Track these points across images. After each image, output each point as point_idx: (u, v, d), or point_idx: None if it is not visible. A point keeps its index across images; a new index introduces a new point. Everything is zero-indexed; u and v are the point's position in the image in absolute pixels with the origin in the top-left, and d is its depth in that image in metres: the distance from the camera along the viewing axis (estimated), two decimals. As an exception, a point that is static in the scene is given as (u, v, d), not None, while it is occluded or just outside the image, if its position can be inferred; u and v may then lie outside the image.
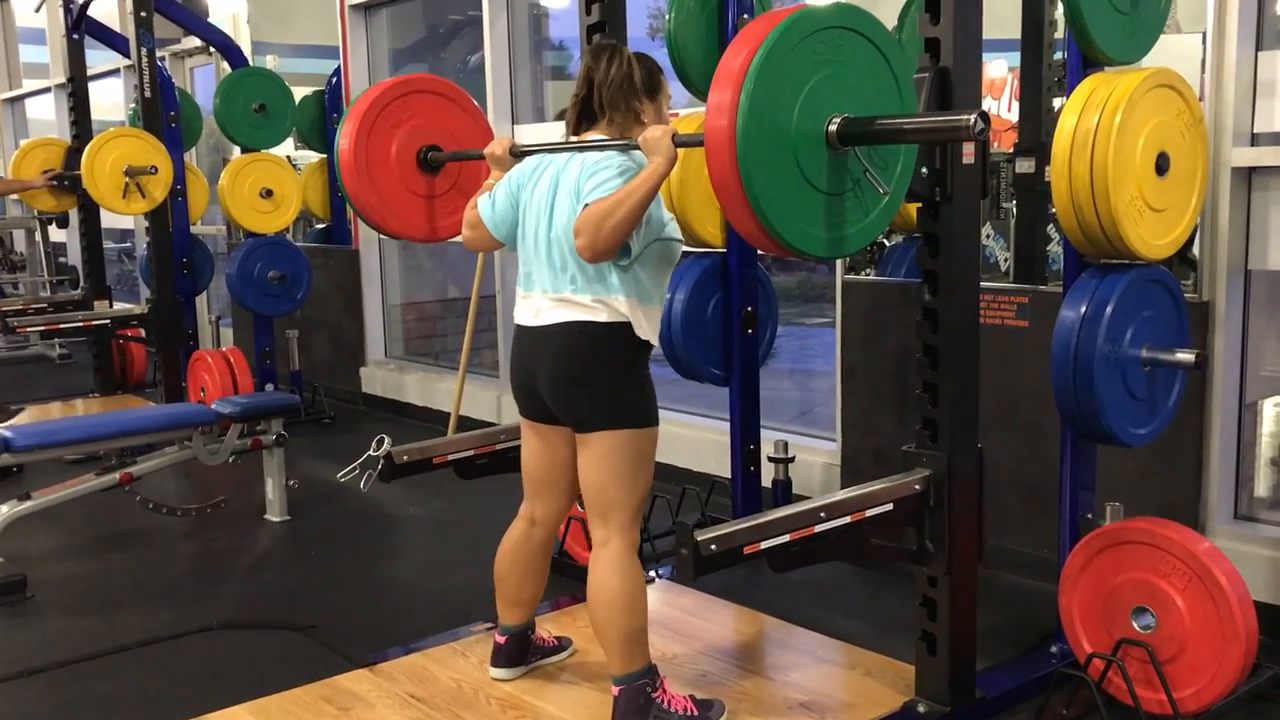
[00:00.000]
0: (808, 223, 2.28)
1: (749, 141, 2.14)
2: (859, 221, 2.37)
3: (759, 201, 2.18)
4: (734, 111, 2.14)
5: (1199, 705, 2.75)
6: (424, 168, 3.37)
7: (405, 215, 3.36)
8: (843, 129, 2.26)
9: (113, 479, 4.35)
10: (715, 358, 4.01)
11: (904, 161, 2.41)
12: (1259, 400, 3.66)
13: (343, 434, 6.47)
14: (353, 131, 3.25)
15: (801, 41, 2.21)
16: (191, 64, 8.86)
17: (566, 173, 2.71)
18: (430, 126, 3.38)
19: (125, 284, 10.65)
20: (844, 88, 2.27)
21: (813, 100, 2.23)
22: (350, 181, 3.26)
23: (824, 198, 2.29)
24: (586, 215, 2.52)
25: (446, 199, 3.42)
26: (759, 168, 2.17)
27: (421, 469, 3.32)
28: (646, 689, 2.70)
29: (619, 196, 2.49)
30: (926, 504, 2.74)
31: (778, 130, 2.20)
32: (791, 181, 2.23)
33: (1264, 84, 3.29)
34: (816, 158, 2.26)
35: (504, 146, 2.97)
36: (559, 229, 2.69)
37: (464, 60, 7.68)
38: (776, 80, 2.17)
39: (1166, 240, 2.88)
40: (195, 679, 3.28)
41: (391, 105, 3.31)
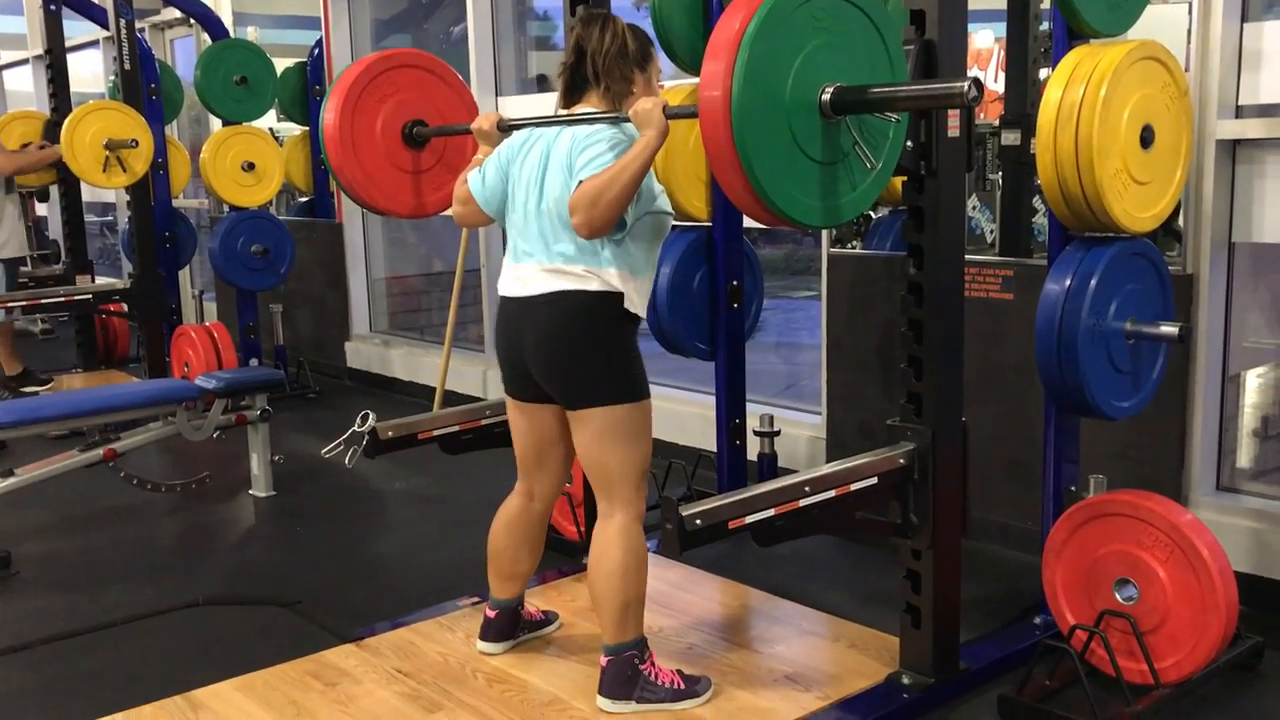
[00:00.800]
0: (802, 191, 2.28)
1: (744, 109, 2.13)
2: (851, 191, 2.36)
3: (754, 169, 2.17)
4: (729, 78, 2.13)
5: (1180, 675, 2.77)
6: (409, 143, 3.35)
7: (391, 191, 3.34)
8: (836, 98, 2.26)
9: (96, 455, 4.33)
10: (701, 332, 4.01)
11: (895, 135, 2.41)
12: (1242, 372, 3.68)
13: (328, 409, 6.45)
14: (337, 107, 3.23)
15: (796, 9, 2.20)
16: (171, 35, 8.77)
17: (557, 146, 2.69)
18: (415, 102, 3.35)
19: (107, 258, 10.59)
20: (837, 57, 2.27)
21: (806, 69, 2.22)
22: (336, 157, 3.24)
23: (817, 167, 2.28)
24: (582, 192, 2.51)
25: (432, 174, 3.40)
26: (754, 135, 2.16)
27: (406, 444, 3.31)
28: (634, 660, 2.71)
29: (613, 172, 2.49)
30: (911, 478, 2.75)
31: (772, 98, 2.19)
32: (786, 150, 2.22)
33: (1249, 55, 3.28)
34: (810, 127, 2.25)
35: (491, 121, 2.95)
36: (550, 201, 2.67)
37: (447, 31, 7.62)
38: (771, 48, 2.17)
39: (1151, 213, 2.88)
40: (181, 655, 3.28)
41: (376, 80, 3.28)
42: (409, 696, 2.88)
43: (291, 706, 2.85)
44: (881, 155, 2.38)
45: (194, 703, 2.89)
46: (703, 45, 3.77)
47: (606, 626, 2.72)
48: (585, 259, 2.65)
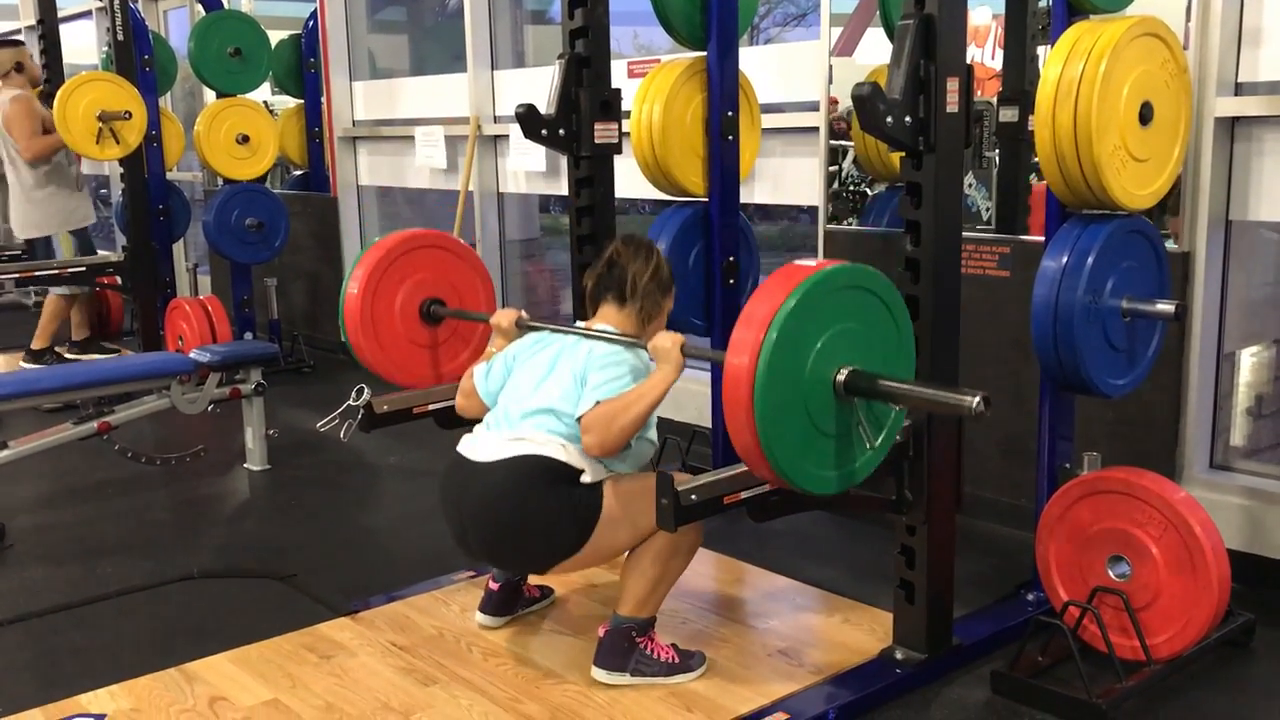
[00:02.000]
0: (815, 464, 2.34)
1: (767, 382, 2.18)
2: (860, 456, 2.43)
3: (771, 446, 2.23)
4: (756, 352, 2.19)
5: (1171, 651, 2.78)
6: (426, 320, 3.40)
7: (409, 366, 3.40)
8: (850, 381, 2.32)
9: (90, 428, 4.33)
10: (696, 308, 4.00)
11: (894, 419, 2.49)
12: (1236, 350, 3.68)
13: (322, 383, 6.45)
14: (361, 282, 3.27)
15: (828, 295, 2.29)
16: (165, 6, 8.71)
17: (572, 353, 2.75)
18: (433, 280, 3.40)
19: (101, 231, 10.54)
20: (853, 340, 2.34)
21: (827, 349, 2.29)
22: (355, 336, 3.29)
23: (830, 440, 2.35)
24: (598, 414, 2.58)
25: (447, 346, 3.47)
26: (772, 407, 2.21)
27: (402, 419, 3.31)
28: (633, 633, 2.72)
29: (631, 398, 2.57)
30: (906, 454, 2.75)
31: (793, 375, 2.25)
32: (800, 424, 2.29)
33: (1249, 33, 3.26)
34: (825, 404, 2.32)
35: (509, 319, 3.03)
36: (544, 398, 2.70)
37: (443, 4, 7.58)
38: (799, 329, 2.24)
39: (1149, 190, 2.87)
40: (176, 627, 3.28)
41: (398, 261, 3.33)
42: (404, 670, 2.88)
43: (287, 679, 2.86)
44: (881, 435, 2.45)
45: (189, 675, 2.90)
46: (700, 19, 3.81)
47: (628, 598, 2.72)
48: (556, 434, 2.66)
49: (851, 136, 4.27)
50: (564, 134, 3.51)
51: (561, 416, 2.67)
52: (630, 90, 3.90)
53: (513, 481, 2.64)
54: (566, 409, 2.66)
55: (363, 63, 7.22)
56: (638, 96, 3.86)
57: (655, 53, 5.46)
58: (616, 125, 3.56)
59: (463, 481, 2.74)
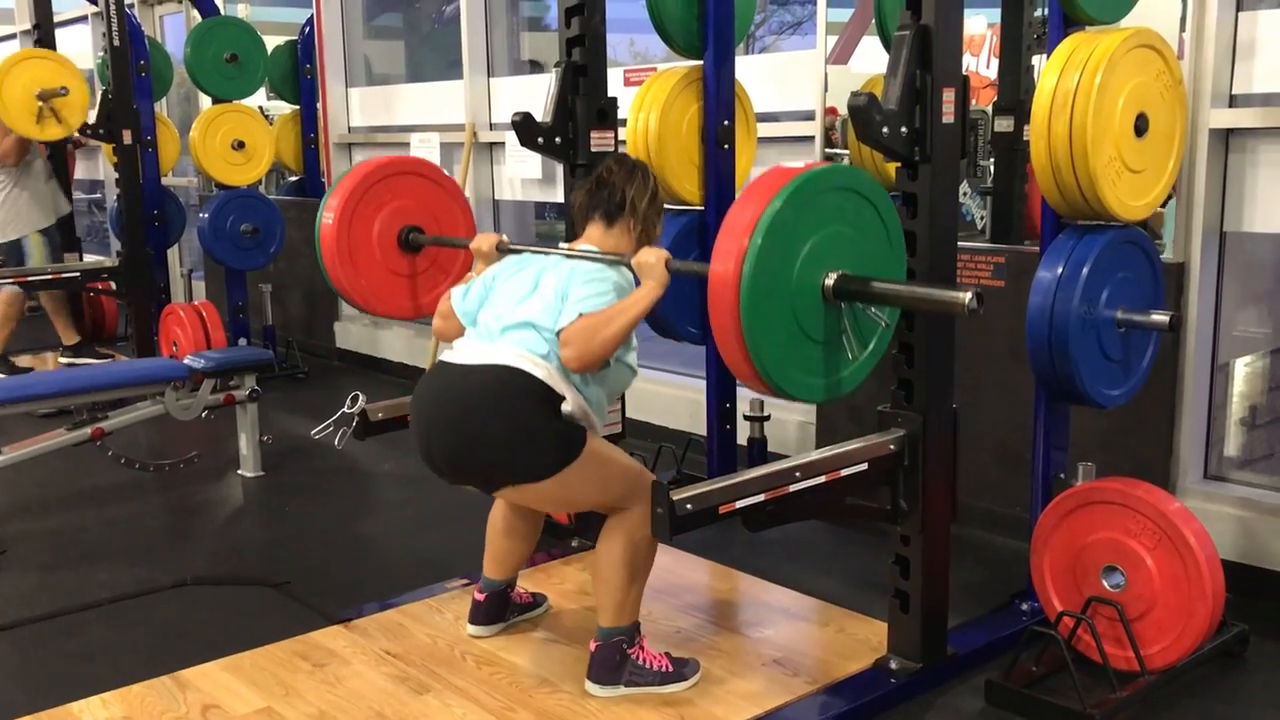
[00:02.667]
0: (802, 371, 2.33)
1: (752, 290, 2.17)
2: (848, 367, 2.41)
3: (758, 348, 2.22)
4: (740, 260, 2.17)
5: (1166, 662, 2.78)
6: (405, 248, 3.38)
7: (387, 296, 3.38)
8: (839, 285, 2.30)
9: (84, 434, 4.32)
10: (692, 316, 4.00)
11: (881, 336, 2.47)
12: (1231, 360, 3.69)
13: (317, 389, 6.43)
14: (337, 211, 3.24)
15: (809, 200, 2.26)
16: (161, 12, 8.70)
17: (554, 271, 2.72)
18: (411, 207, 3.38)
19: (96, 236, 10.52)
20: (841, 245, 2.32)
21: (813, 255, 2.27)
22: (332, 263, 3.26)
23: (818, 347, 2.33)
24: (580, 327, 2.54)
25: (427, 276, 3.44)
26: (759, 316, 2.20)
27: (396, 426, 3.30)
28: (623, 645, 2.72)
29: (612, 313, 2.54)
30: (901, 464, 2.75)
31: (779, 281, 2.23)
32: (788, 331, 2.27)
33: (1244, 45, 3.28)
34: (813, 309, 2.30)
35: (490, 242, 3.00)
36: (528, 309, 2.66)
37: (439, 10, 7.58)
38: (783, 234, 2.21)
39: (1144, 201, 2.88)
40: (169, 635, 3.27)
41: (374, 188, 3.30)
42: (397, 678, 2.88)
43: (280, 687, 2.85)
44: (865, 349, 2.43)
45: (182, 682, 2.89)
46: (696, 27, 3.81)
47: (605, 608, 2.72)
48: (539, 354, 2.60)
49: (847, 146, 4.28)
50: (560, 142, 3.51)
51: (542, 331, 2.61)
52: (626, 98, 3.90)
53: (494, 387, 2.57)
54: (547, 323, 2.61)
55: (359, 69, 7.22)
56: (634, 105, 3.87)
57: (652, 61, 5.48)
58: (613, 133, 3.56)
59: (438, 384, 2.68)
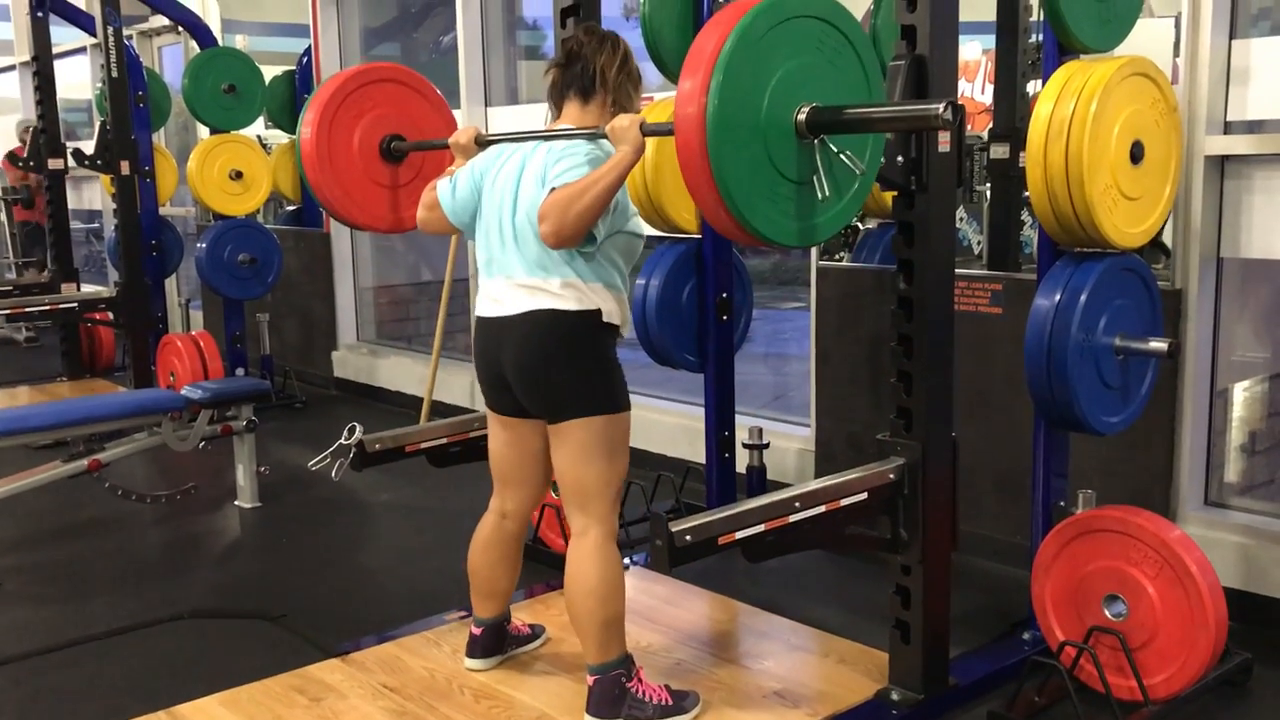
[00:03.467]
0: (777, 211, 2.27)
1: (719, 128, 2.12)
2: (827, 210, 2.36)
3: (729, 189, 2.17)
4: (704, 97, 2.12)
5: (1169, 691, 2.77)
6: (387, 157, 3.34)
7: (369, 206, 3.34)
8: (812, 118, 2.25)
9: (81, 465, 4.30)
10: (690, 344, 4.00)
11: (871, 152, 2.40)
12: (1230, 386, 3.68)
13: (315, 419, 6.42)
14: (314, 122, 3.21)
15: (772, 29, 2.19)
16: (160, 43, 8.74)
17: (533, 159, 2.69)
18: (393, 116, 3.35)
19: (93, 266, 10.53)
20: (813, 77, 2.26)
21: (783, 88, 2.21)
22: (313, 173, 3.23)
23: (793, 186, 2.28)
24: (553, 200, 2.51)
25: (411, 189, 3.38)
26: (728, 155, 2.15)
27: (394, 457, 3.29)
28: (621, 679, 2.69)
29: (585, 182, 2.49)
30: (901, 493, 2.74)
31: (747, 117, 2.18)
32: (761, 169, 2.21)
33: (1237, 72, 3.29)
34: (786, 146, 2.24)
35: (469, 135, 2.95)
36: (524, 214, 2.66)
37: (436, 40, 7.61)
38: (748, 66, 2.15)
39: (1140, 229, 2.88)
40: (165, 669, 3.25)
41: (353, 95, 3.27)
42: (395, 712, 2.85)
43: (276, 722, 2.82)
44: (843, 196, 2.37)
45: (177, 717, 2.86)
46: (693, 57, 3.82)
47: (588, 647, 2.70)
48: (559, 272, 2.63)
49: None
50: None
51: (549, 251, 2.60)
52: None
53: (539, 340, 2.64)
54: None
55: (356, 99, 7.23)
56: (631, 134, 3.86)
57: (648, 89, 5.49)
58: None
59: (495, 339, 2.72)
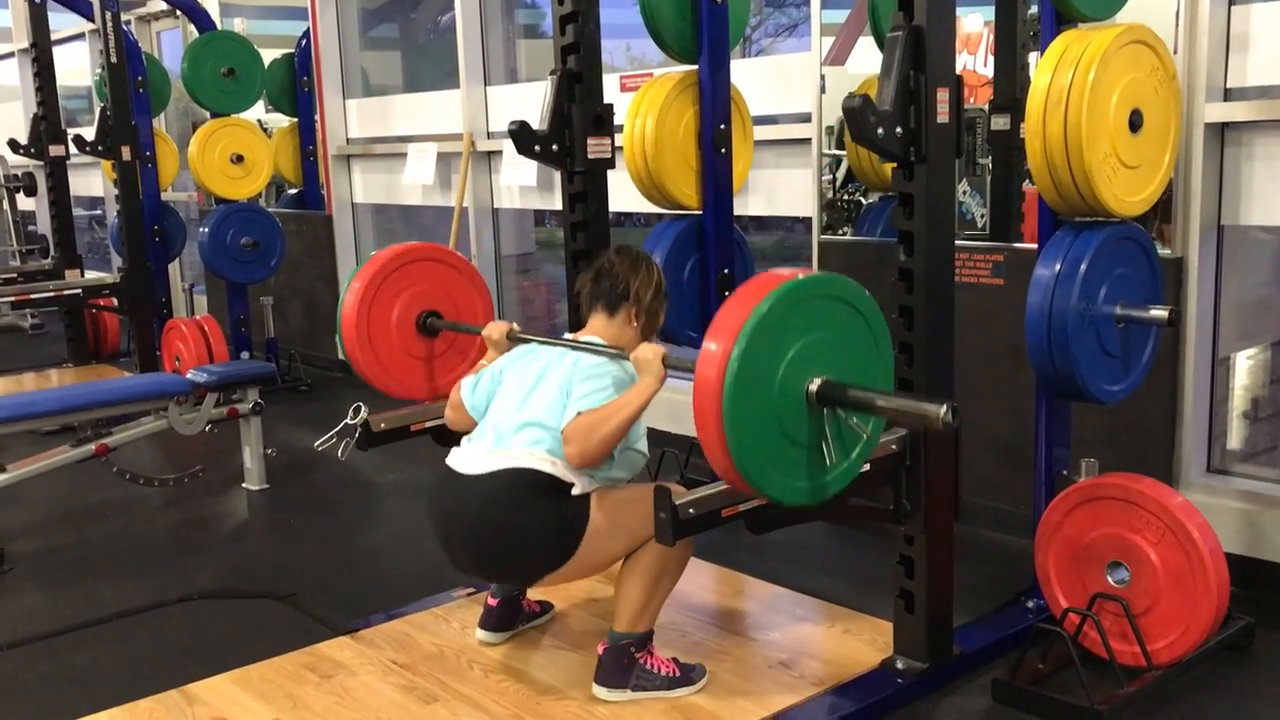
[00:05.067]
0: (786, 475, 2.32)
1: (736, 392, 2.17)
2: (834, 470, 2.40)
3: (741, 454, 2.22)
4: (725, 362, 2.18)
5: (1172, 657, 2.79)
6: (423, 332, 3.41)
7: (405, 379, 3.41)
8: (822, 390, 2.31)
9: (89, 450, 4.33)
10: (692, 320, 4.01)
11: (862, 448, 2.45)
12: (1231, 354, 3.69)
13: (320, 401, 6.44)
14: (356, 298, 3.28)
15: (799, 305, 2.27)
16: (158, 28, 8.73)
17: (558, 366, 2.77)
18: (430, 293, 3.42)
19: (96, 252, 10.55)
20: (825, 350, 2.33)
21: (798, 360, 2.28)
22: (352, 348, 3.29)
23: (802, 450, 2.33)
24: (580, 424, 2.58)
25: (445, 359, 3.48)
26: (742, 418, 2.20)
27: (399, 436, 3.31)
28: (631, 649, 2.72)
29: (610, 410, 2.58)
30: (903, 463, 2.76)
31: (763, 385, 2.24)
32: (771, 433, 2.27)
33: (1237, 38, 3.28)
34: (796, 413, 2.30)
35: (501, 331, 3.05)
36: (531, 411, 2.71)
37: (435, 20, 7.60)
38: (770, 338, 2.23)
39: (1140, 197, 2.88)
40: (176, 649, 3.28)
41: (394, 275, 3.34)
42: (405, 688, 2.88)
43: (288, 699, 2.85)
44: (846, 456, 2.42)
45: (190, 697, 2.89)
46: (691, 32, 3.82)
47: (621, 613, 2.72)
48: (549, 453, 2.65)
49: (845, 147, 4.29)
50: (557, 149, 3.51)
51: (547, 429, 2.67)
52: (623, 104, 3.91)
53: (501, 495, 2.64)
54: (552, 422, 2.67)
55: (356, 80, 7.24)
56: (630, 111, 3.87)
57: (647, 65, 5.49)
58: (609, 140, 3.57)
59: (451, 495, 2.74)
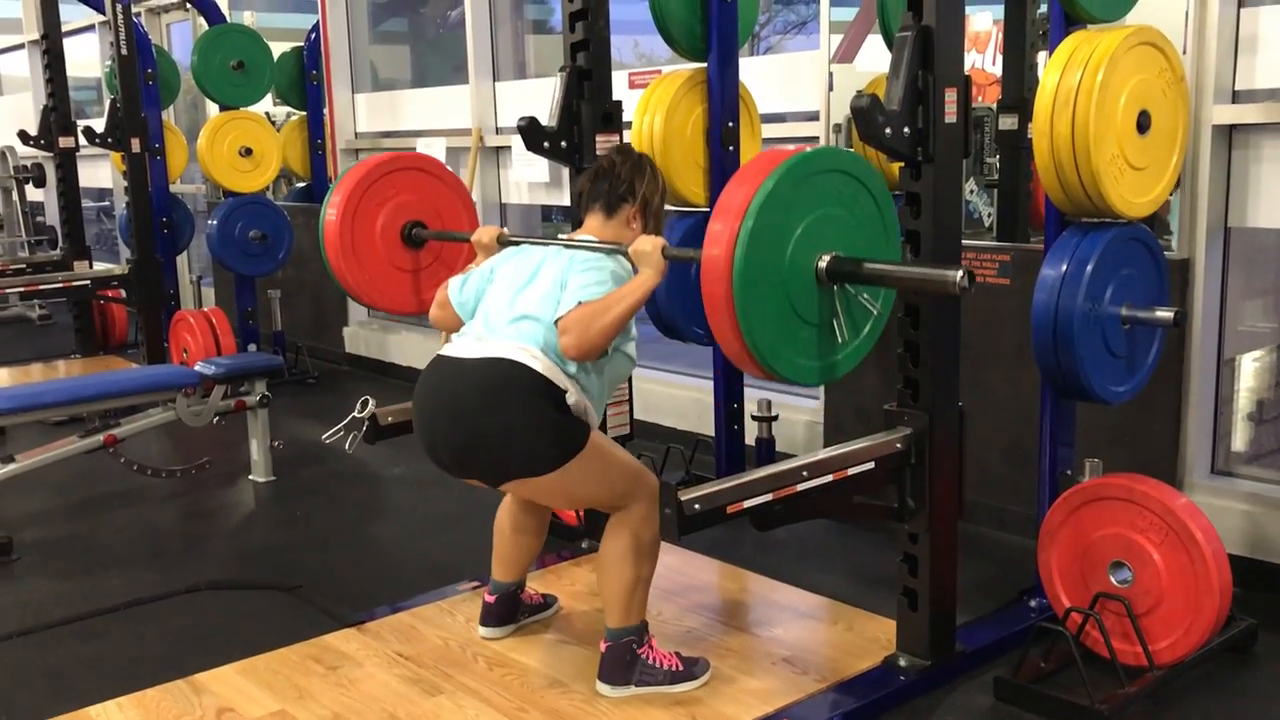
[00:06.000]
0: (796, 352, 2.33)
1: (745, 272, 2.17)
2: (844, 349, 2.41)
3: (751, 331, 2.22)
4: (733, 242, 2.18)
5: (1174, 657, 2.79)
6: (408, 243, 3.40)
7: (390, 291, 3.41)
8: (832, 267, 2.31)
9: (97, 441, 4.34)
10: (699, 317, 3.96)
11: (874, 325, 2.46)
12: (1237, 356, 3.69)
13: (327, 394, 6.46)
14: (338, 213, 3.27)
15: (802, 181, 2.26)
16: (168, 20, 8.74)
17: (553, 261, 2.74)
18: (414, 203, 3.41)
19: (105, 243, 10.58)
20: (833, 227, 2.32)
21: (806, 237, 2.28)
22: (336, 260, 3.28)
23: (812, 329, 2.34)
24: (578, 315, 2.55)
25: (430, 271, 3.46)
26: (752, 298, 2.20)
27: (406, 430, 3.30)
28: (633, 645, 2.73)
29: (609, 300, 2.55)
30: (908, 462, 2.76)
31: (772, 263, 2.24)
32: (782, 313, 2.28)
33: (1245, 40, 3.28)
34: (806, 291, 2.30)
35: (491, 235, 3.02)
36: (524, 305, 2.67)
37: (444, 15, 7.61)
38: (776, 216, 2.22)
39: (1147, 199, 2.89)
40: (182, 640, 3.30)
41: (377, 183, 3.33)
42: (410, 680, 2.90)
43: (293, 689, 2.87)
44: (860, 332, 2.42)
45: (196, 686, 2.91)
46: (700, 30, 3.83)
47: (611, 608, 2.74)
48: (543, 351, 2.60)
49: (853, 145, 4.29)
50: (566, 146, 3.53)
51: (541, 321, 2.62)
52: (631, 101, 3.92)
53: (496, 383, 2.57)
54: (545, 314, 2.62)
55: (365, 75, 7.25)
56: (639, 108, 3.88)
57: (656, 62, 5.49)
58: (618, 136, 3.58)
59: (440, 375, 2.67)
